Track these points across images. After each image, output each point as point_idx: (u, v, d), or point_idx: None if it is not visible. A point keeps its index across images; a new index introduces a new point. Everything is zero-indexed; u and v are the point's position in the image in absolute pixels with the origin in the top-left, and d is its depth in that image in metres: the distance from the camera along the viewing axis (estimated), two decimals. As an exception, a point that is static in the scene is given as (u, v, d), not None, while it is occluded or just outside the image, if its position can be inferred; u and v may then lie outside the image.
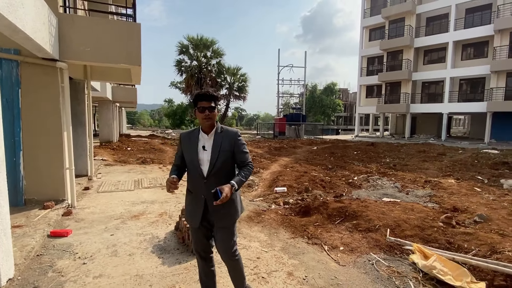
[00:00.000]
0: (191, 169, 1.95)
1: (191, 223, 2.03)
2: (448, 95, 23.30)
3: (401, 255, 3.21)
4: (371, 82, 28.56)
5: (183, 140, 2.02)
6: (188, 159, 1.97)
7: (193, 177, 1.95)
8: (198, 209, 1.94)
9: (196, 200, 1.96)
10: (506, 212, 4.42)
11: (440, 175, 7.89)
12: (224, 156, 1.91)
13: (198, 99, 1.86)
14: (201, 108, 1.85)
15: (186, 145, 1.97)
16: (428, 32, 25.15)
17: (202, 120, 1.88)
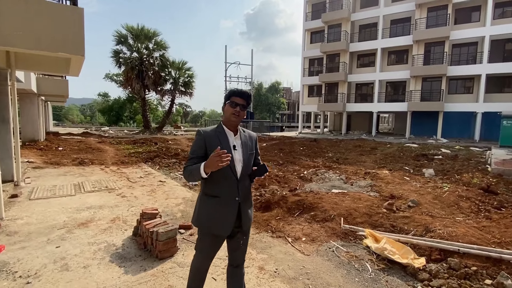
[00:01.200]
0: (219, 170, 1.64)
1: (219, 231, 1.80)
2: (377, 96, 26.27)
3: (355, 241, 3.55)
4: (312, 82, 30.43)
5: (209, 138, 1.76)
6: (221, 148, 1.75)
7: (224, 179, 1.75)
8: (231, 214, 1.79)
9: (227, 205, 1.79)
10: (431, 197, 5.23)
11: (376, 167, 8.90)
12: (251, 157, 1.89)
13: (233, 94, 1.80)
14: (234, 103, 1.77)
15: (216, 145, 1.70)
16: (361, 38, 27.87)
17: (230, 115, 1.78)
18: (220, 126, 1.83)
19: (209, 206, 1.80)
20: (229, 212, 1.79)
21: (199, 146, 1.76)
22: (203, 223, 1.82)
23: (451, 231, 3.46)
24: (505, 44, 21.89)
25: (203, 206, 1.82)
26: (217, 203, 1.78)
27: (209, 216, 1.80)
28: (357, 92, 29.17)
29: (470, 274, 2.67)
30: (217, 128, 1.82)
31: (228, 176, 1.75)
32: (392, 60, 27.01)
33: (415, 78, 24.10)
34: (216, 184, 1.75)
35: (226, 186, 1.77)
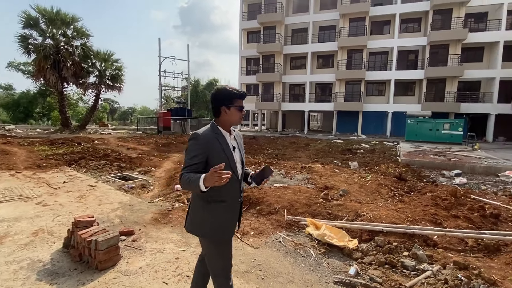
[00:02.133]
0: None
1: (230, 234, 1.81)
2: (308, 96, 28.39)
3: (299, 230, 3.83)
4: (250, 81, 31.11)
5: (210, 142, 1.67)
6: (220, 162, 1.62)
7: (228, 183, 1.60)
8: (235, 216, 1.84)
9: (232, 207, 1.80)
10: (358, 186, 5.95)
11: (310, 161, 9.66)
12: (244, 156, 1.91)
13: (237, 97, 1.73)
14: (241, 108, 1.75)
15: (217, 148, 1.67)
16: (293, 42, 29.64)
17: (238, 119, 1.76)
18: (216, 127, 1.74)
19: (218, 213, 1.73)
20: (234, 214, 1.82)
21: (199, 152, 1.64)
22: (215, 231, 1.74)
23: (376, 214, 4.03)
24: (408, 55, 26.14)
25: (211, 214, 1.73)
26: (225, 208, 1.75)
27: (217, 222, 1.73)
28: (291, 92, 31.00)
29: (392, 248, 3.17)
30: (214, 130, 1.73)
31: (232, 179, 1.70)
32: (320, 64, 29.52)
33: (340, 81, 26.85)
34: (222, 189, 1.63)
35: (231, 189, 1.74)
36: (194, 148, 1.65)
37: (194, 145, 1.66)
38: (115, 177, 6.86)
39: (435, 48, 24.14)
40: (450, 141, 17.65)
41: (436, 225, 3.83)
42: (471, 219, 4.05)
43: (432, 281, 2.58)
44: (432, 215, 4.13)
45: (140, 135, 20.68)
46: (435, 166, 9.32)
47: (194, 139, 1.67)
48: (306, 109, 28.37)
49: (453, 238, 3.47)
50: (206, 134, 1.69)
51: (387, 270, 2.82)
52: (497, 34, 22.71)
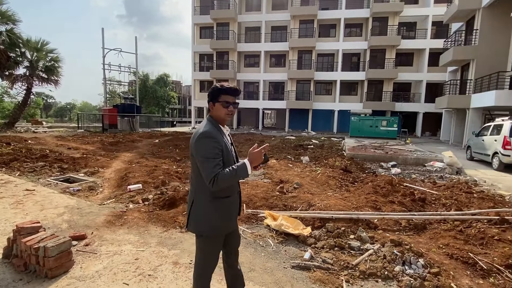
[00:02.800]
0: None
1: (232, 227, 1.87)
2: (262, 94, 28.99)
3: (257, 222, 4.02)
4: (203, 77, 30.56)
5: (220, 139, 1.69)
6: (227, 159, 1.71)
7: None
8: (236, 209, 1.89)
9: (235, 200, 1.87)
10: (309, 179, 6.39)
11: (266, 158, 9.98)
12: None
13: (223, 92, 1.72)
14: (226, 103, 1.72)
15: (226, 144, 1.74)
16: (247, 40, 29.91)
17: (224, 116, 1.75)
18: (215, 123, 1.77)
19: (223, 208, 1.75)
20: (235, 207, 1.87)
21: (219, 149, 1.65)
22: (220, 228, 1.76)
23: (326, 203, 4.42)
24: (352, 57, 28.34)
25: (218, 211, 1.73)
26: (229, 203, 1.79)
27: (225, 218, 1.77)
28: (245, 89, 31.28)
29: (341, 233, 3.54)
30: (215, 126, 1.75)
31: None
32: (273, 63, 30.34)
33: (291, 80, 27.96)
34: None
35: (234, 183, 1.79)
36: (214, 146, 1.63)
37: (211, 143, 1.63)
38: (57, 180, 6.25)
39: (374, 52, 26.61)
40: (387, 136, 19.75)
41: (376, 210, 4.35)
42: (404, 203, 4.69)
43: (373, 257, 2.97)
44: (373, 202, 4.67)
45: (83, 133, 18.94)
46: (375, 158, 10.39)
47: (209, 137, 1.63)
48: (260, 107, 28.95)
49: (390, 220, 3.99)
50: (214, 131, 1.70)
51: (337, 252, 3.15)
52: (424, 42, 25.96)
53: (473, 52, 16.44)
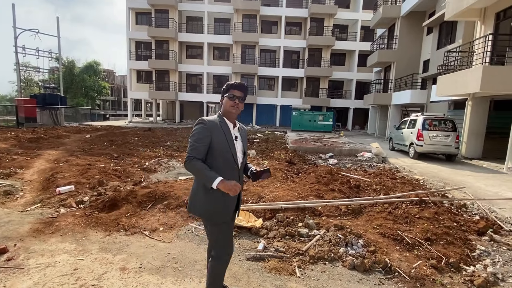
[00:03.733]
0: (224, 160, 1.84)
1: (225, 218, 1.91)
2: (206, 87, 28.35)
3: (209, 218, 3.96)
4: (141, 67, 28.42)
5: (214, 128, 1.81)
6: (222, 150, 1.83)
7: (226, 168, 1.84)
8: (233, 200, 1.93)
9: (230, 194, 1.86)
10: (258, 172, 6.54)
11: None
12: (246, 148, 2.05)
13: (231, 87, 1.87)
14: (232, 96, 1.85)
15: (219, 135, 1.82)
16: (188, 30, 28.74)
17: (229, 108, 1.87)
18: (221, 117, 1.90)
19: (216, 198, 1.84)
20: (232, 201, 1.92)
21: (205, 135, 1.78)
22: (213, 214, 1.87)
23: (275, 195, 4.59)
24: (292, 55, 29.64)
25: (210, 199, 1.84)
26: (223, 194, 1.81)
27: (215, 206, 1.86)
28: (188, 82, 30.18)
29: (290, 222, 3.73)
30: (219, 119, 1.88)
31: (232, 166, 1.88)
32: (217, 56, 29.87)
33: (236, 74, 27.97)
34: (220, 173, 1.77)
35: (230, 176, 1.84)
36: (200, 132, 1.78)
37: (200, 128, 1.79)
38: (-42, 185, 5.14)
39: (312, 51, 28.32)
40: (323, 130, 21.37)
41: (320, 198, 4.70)
42: (342, 191, 5.17)
43: (320, 242, 3.22)
44: (316, 191, 5.03)
45: (-11, 128, 15.86)
46: (315, 150, 11.17)
47: (201, 123, 1.80)
48: (204, 100, 28.30)
49: (332, 206, 4.36)
50: (212, 121, 1.84)
51: (288, 240, 3.32)
52: (354, 44, 28.62)
53: (394, 55, 18.79)
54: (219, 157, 1.82)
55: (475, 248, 3.18)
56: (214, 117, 1.89)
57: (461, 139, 10.60)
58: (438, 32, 15.56)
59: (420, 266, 2.78)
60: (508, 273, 2.77)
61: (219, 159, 1.82)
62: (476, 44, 9.58)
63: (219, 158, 1.82)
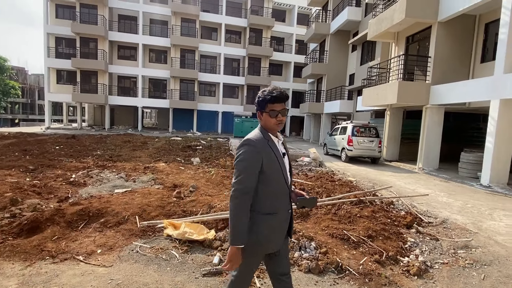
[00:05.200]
0: (277, 185, 1.57)
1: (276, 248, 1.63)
2: (141, 91, 26.49)
3: (156, 234, 3.63)
4: (62, 66, 25.03)
5: (264, 150, 1.53)
6: (275, 172, 1.56)
7: (280, 192, 1.59)
8: (284, 227, 1.66)
9: (282, 219, 1.63)
10: (205, 180, 6.33)
11: (153, 161, 9.19)
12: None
13: (269, 101, 1.53)
14: (274, 113, 1.54)
15: (270, 155, 1.54)
16: (120, 29, 26.58)
17: (273, 126, 1.57)
18: (265, 132, 1.60)
19: (267, 226, 1.56)
20: (284, 227, 1.65)
21: (255, 160, 1.50)
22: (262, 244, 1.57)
23: (226, 203, 4.47)
24: (232, 62, 29.98)
25: (261, 225, 1.55)
26: (275, 221, 1.58)
27: (268, 236, 1.57)
28: (120, 84, 27.78)
29: (244, 231, 3.67)
30: (264, 136, 1.58)
31: (283, 188, 1.60)
32: (153, 58, 28.28)
33: (174, 78, 26.89)
34: (273, 199, 1.55)
35: (282, 199, 1.61)
36: (250, 157, 1.50)
37: (248, 153, 1.50)
38: None
39: (252, 60, 29.15)
40: (265, 136, 22.01)
41: (270, 205, 4.77)
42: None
43: (276, 249, 3.24)
44: (266, 197, 5.10)
45: None
46: (259, 157, 11.39)
47: (248, 145, 1.51)
48: (139, 105, 26.35)
49: (282, 212, 4.46)
50: (260, 141, 1.54)
51: (244, 250, 3.25)
52: (290, 56, 30.49)
53: (325, 68, 20.62)
54: (272, 182, 1.54)
55: (406, 241, 3.62)
56: (258, 135, 1.57)
57: (383, 144, 12.16)
58: (361, 50, 17.70)
59: (366, 262, 3.02)
60: (434, 260, 3.22)
61: (272, 184, 1.54)
62: (392, 62, 11.18)
63: (272, 184, 1.54)
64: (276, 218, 1.59)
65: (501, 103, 7.15)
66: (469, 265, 3.14)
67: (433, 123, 9.88)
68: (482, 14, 9.45)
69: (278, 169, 1.56)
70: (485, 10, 9.02)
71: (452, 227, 4.36)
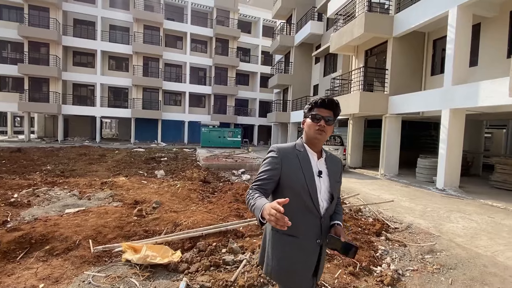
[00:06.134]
0: (297, 202, 1.35)
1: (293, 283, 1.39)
2: (99, 100, 24.85)
3: (113, 260, 3.22)
4: (6, 72, 22.61)
5: (287, 158, 1.40)
6: (295, 186, 1.37)
7: (302, 214, 1.37)
8: (308, 260, 1.40)
9: (304, 248, 1.38)
10: (170, 195, 5.92)
11: (111, 175, 8.48)
12: (337, 189, 1.50)
13: (316, 105, 1.43)
14: (317, 117, 1.40)
15: (294, 167, 1.39)
16: (76, 34, 24.91)
17: (313, 133, 1.41)
18: (301, 144, 1.47)
19: (284, 249, 1.39)
20: (308, 258, 1.40)
21: (272, 167, 1.40)
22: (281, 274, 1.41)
23: (193, 220, 4.17)
24: (199, 71, 29.54)
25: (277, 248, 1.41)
26: (294, 245, 1.38)
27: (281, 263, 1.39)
28: (75, 93, 25.83)
29: (213, 249, 3.41)
30: (297, 147, 1.46)
31: (308, 210, 1.38)
32: (113, 66, 26.83)
33: (137, 87, 25.70)
34: (293, 219, 1.21)
35: (306, 223, 1.38)
36: (269, 161, 1.43)
37: (269, 158, 1.44)
38: None
39: (219, 70, 29.00)
40: (233, 146, 21.81)
41: (240, 218, 4.56)
42: (261, 208, 5.18)
43: (248, 267, 3.03)
44: (236, 210, 4.88)
45: None
46: (227, 167, 11.13)
47: (271, 151, 1.46)
48: (97, 115, 24.63)
49: (253, 225, 4.27)
50: (286, 149, 1.45)
51: (213, 272, 2.99)
52: (256, 66, 30.91)
53: (290, 79, 21.14)
54: (293, 197, 1.30)
55: (377, 249, 3.63)
56: (290, 144, 1.48)
57: (347, 151, 12.60)
58: (324, 62, 18.48)
59: (341, 275, 2.94)
60: (405, 267, 3.24)
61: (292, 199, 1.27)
62: (353, 74, 11.74)
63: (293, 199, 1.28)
64: (297, 243, 1.38)
65: (451, 112, 7.78)
66: (436, 270, 3.21)
67: (392, 131, 10.46)
68: (430, 31, 10.36)
69: (301, 184, 1.37)
70: (433, 28, 9.90)
71: (417, 231, 4.51)
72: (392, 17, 10.18)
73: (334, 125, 1.47)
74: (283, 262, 1.39)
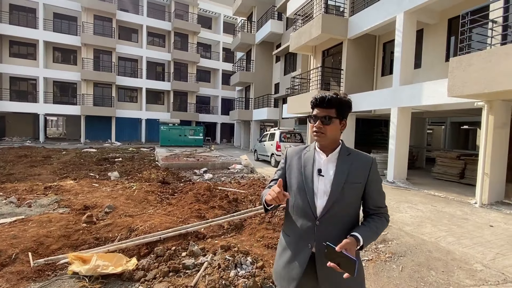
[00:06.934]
0: (295, 201, 1.30)
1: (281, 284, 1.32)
2: (43, 96, 22.44)
3: (57, 274, 2.90)
4: None
5: (291, 158, 1.40)
6: (294, 186, 1.32)
7: (297, 213, 1.31)
8: (297, 266, 1.27)
9: (294, 249, 1.30)
10: (124, 198, 5.54)
11: (57, 178, 7.70)
12: (351, 192, 1.27)
13: (313, 106, 1.33)
14: (312, 118, 1.32)
15: (294, 166, 1.36)
16: (13, 21, 22.14)
17: (312, 135, 1.33)
18: (314, 145, 1.41)
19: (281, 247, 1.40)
20: (297, 261, 1.28)
21: (280, 167, 1.46)
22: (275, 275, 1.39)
23: (150, 224, 3.94)
24: (156, 66, 28.20)
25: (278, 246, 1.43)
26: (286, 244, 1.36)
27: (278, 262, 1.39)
28: (13, 87, 22.99)
29: (172, 254, 3.24)
30: (307, 147, 1.42)
31: (302, 211, 1.30)
32: (59, 58, 24.41)
33: (87, 81, 23.69)
34: (290, 219, 1.35)
35: (299, 224, 1.31)
36: (280, 163, 1.49)
37: (281, 159, 1.48)
38: None
39: (178, 65, 27.98)
40: (194, 144, 21.26)
41: (202, 219, 4.42)
42: (223, 206, 5.10)
43: (209, 270, 2.93)
44: (197, 211, 4.73)
45: None
46: (188, 166, 10.80)
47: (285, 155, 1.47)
48: (40, 112, 22.20)
49: (215, 226, 4.17)
50: (296, 149, 1.45)
51: (173, 278, 2.84)
52: (217, 63, 30.43)
53: (252, 77, 21.20)
54: (292, 198, 1.32)
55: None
56: (305, 145, 1.45)
57: (307, 148, 13.00)
58: (284, 61, 18.83)
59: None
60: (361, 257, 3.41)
61: (292, 199, 1.32)
62: (311, 73, 12.13)
63: (292, 198, 1.32)
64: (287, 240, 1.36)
65: (399, 110, 8.43)
66: (389, 258, 3.44)
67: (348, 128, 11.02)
68: (381, 35, 11.11)
69: (298, 183, 1.32)
70: (382, 32, 10.62)
71: (371, 222, 4.79)
72: (347, 19, 10.70)
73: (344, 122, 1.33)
74: (276, 262, 1.41)
